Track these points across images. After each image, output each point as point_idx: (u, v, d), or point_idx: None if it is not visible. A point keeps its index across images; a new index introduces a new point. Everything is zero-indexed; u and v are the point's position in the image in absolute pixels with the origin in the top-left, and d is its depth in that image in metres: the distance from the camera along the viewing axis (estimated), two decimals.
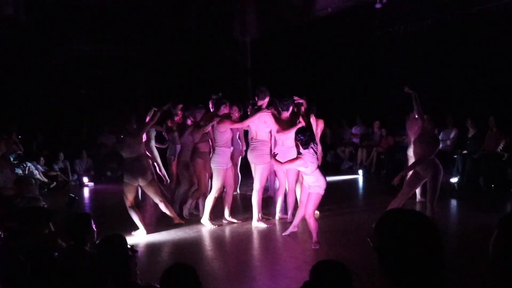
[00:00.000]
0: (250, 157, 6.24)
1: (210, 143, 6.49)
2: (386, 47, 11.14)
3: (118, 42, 12.82)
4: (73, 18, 12.34)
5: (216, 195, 6.18)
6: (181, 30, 13.59)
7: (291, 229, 5.66)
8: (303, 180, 5.33)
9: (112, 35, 12.65)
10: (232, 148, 6.43)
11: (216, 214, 6.44)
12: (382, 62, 11.22)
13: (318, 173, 5.08)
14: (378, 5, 10.37)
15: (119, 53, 12.90)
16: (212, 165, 6.22)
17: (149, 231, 6.01)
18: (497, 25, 8.79)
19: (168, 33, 13.30)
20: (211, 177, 6.52)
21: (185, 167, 6.74)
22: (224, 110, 6.24)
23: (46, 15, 12.05)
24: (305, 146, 4.98)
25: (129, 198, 5.89)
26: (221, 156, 6.15)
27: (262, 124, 6.00)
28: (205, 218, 6.23)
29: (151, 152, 7.72)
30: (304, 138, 4.98)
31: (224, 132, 6.13)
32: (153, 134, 8.11)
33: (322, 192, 5.13)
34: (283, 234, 5.70)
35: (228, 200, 6.48)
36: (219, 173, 6.16)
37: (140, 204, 7.27)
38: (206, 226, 6.18)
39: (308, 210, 5.14)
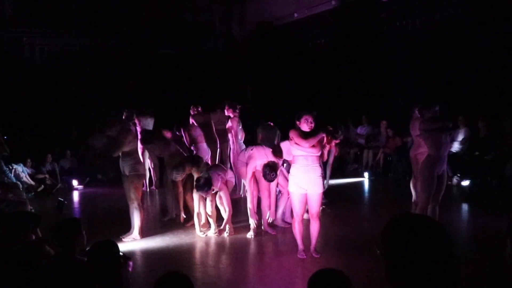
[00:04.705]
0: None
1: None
2: (393, 42, 11.11)
3: (109, 36, 12.82)
4: (62, 11, 12.34)
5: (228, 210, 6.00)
6: (175, 24, 13.62)
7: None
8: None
9: (103, 29, 12.66)
10: None
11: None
12: (389, 58, 11.20)
13: None
14: None
15: (110, 48, 12.91)
16: None
17: (143, 236, 6.00)
18: (508, 20, 8.78)
19: (162, 28, 13.33)
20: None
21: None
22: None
23: (34, 8, 12.06)
24: None
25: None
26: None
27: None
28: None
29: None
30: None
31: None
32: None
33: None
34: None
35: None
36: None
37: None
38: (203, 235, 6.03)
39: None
